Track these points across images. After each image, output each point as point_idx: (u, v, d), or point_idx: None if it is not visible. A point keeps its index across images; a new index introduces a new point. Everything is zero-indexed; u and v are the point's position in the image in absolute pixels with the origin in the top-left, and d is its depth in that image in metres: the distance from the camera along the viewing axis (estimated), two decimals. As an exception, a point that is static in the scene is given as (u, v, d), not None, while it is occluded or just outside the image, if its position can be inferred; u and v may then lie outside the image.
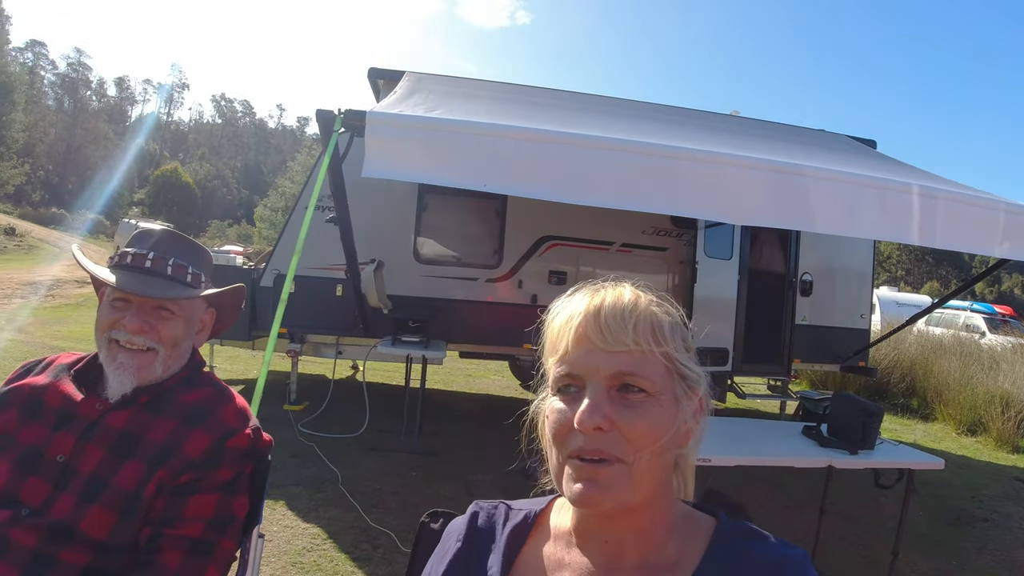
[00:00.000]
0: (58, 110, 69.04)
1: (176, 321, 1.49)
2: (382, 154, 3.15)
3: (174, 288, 1.49)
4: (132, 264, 1.49)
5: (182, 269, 1.52)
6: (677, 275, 7.02)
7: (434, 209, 6.64)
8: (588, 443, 0.76)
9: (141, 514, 1.33)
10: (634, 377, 0.77)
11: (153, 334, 1.45)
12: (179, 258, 1.53)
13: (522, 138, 3.35)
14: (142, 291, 1.44)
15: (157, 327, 1.45)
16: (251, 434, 1.46)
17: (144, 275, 1.48)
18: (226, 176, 77.26)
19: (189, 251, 1.57)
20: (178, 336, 1.50)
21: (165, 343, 1.47)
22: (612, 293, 0.83)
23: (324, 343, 6.67)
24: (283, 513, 3.95)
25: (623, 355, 0.78)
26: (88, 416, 1.40)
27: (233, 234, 50.24)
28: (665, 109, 6.43)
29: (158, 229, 1.61)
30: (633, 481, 0.76)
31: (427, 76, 5.78)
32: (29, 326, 9.85)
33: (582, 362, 0.79)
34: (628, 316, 0.79)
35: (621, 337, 0.78)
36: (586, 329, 0.80)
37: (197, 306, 1.56)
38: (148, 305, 1.46)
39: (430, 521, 1.13)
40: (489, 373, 9.73)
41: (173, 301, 1.48)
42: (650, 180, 3.38)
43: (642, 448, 0.76)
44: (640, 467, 0.76)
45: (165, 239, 1.56)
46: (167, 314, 1.48)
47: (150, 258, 1.49)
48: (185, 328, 1.52)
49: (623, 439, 0.76)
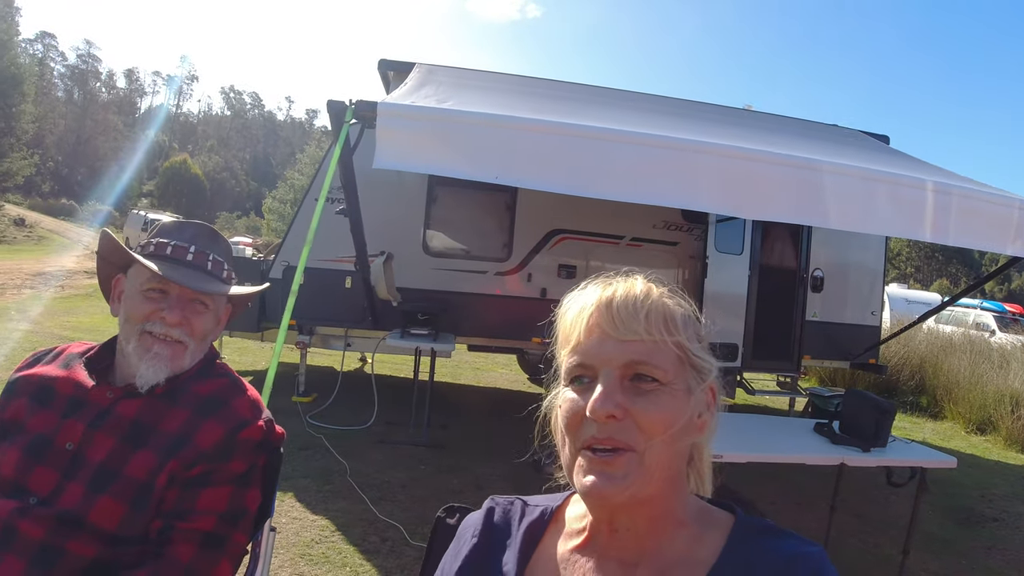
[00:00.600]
0: (68, 102, 69.30)
1: (208, 315, 1.50)
2: (393, 145, 3.14)
3: (213, 283, 1.50)
4: (172, 255, 1.47)
5: (219, 265, 1.54)
6: (688, 270, 6.99)
7: (444, 202, 6.63)
8: (600, 431, 0.76)
9: (152, 505, 1.31)
10: (646, 366, 0.77)
11: (187, 327, 1.45)
12: (216, 253, 1.54)
13: (534, 130, 3.33)
14: (191, 283, 1.44)
15: (191, 320, 1.45)
16: (264, 426, 1.45)
17: (186, 267, 1.47)
18: (235, 168, 77.44)
19: (222, 247, 1.58)
20: (208, 330, 1.51)
21: (196, 337, 1.47)
22: (624, 284, 0.82)
23: (333, 335, 6.67)
24: (291, 505, 3.96)
25: (635, 344, 0.77)
26: (99, 404, 1.39)
27: (242, 226, 50.40)
28: (677, 103, 6.40)
29: (193, 222, 1.60)
30: (645, 470, 0.75)
31: (438, 68, 5.76)
32: (39, 316, 9.90)
33: (595, 351, 0.78)
34: (640, 306, 0.79)
35: (633, 326, 0.78)
36: (599, 319, 0.79)
37: (223, 302, 1.56)
38: (185, 298, 1.45)
39: (446, 516, 1.12)
40: (497, 367, 9.73)
41: (208, 296, 1.48)
42: (662, 173, 3.36)
43: (654, 436, 0.75)
44: (652, 456, 0.76)
45: (203, 233, 1.56)
46: (201, 308, 1.48)
47: (191, 251, 1.49)
48: (214, 322, 1.53)
49: (635, 428, 0.75)
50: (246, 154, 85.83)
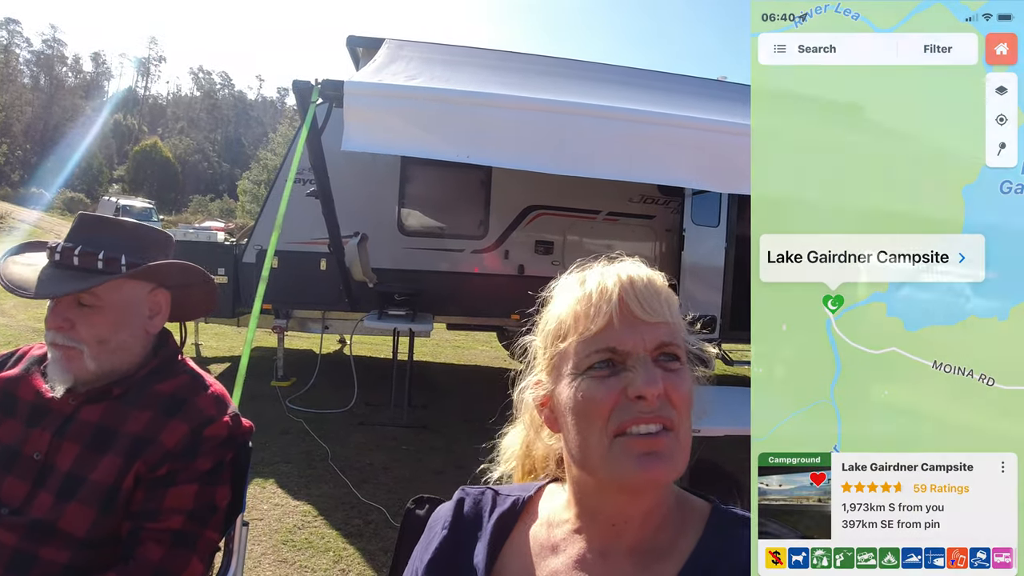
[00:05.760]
0: (34, 88, 67.71)
1: (98, 314, 1.37)
2: (362, 126, 3.08)
3: (81, 279, 1.35)
4: (48, 259, 1.39)
5: (91, 257, 1.36)
6: (664, 243, 7.00)
7: (417, 180, 6.57)
8: (646, 411, 0.75)
9: (120, 508, 1.30)
10: (673, 347, 0.79)
11: (71, 332, 1.34)
12: (89, 245, 1.38)
13: (505, 106, 3.29)
14: (36, 292, 1.35)
15: (77, 324, 1.35)
16: (230, 421, 1.42)
17: (52, 269, 1.38)
18: (207, 150, 76.26)
19: (109, 233, 1.43)
20: (103, 331, 1.37)
21: (86, 341, 1.35)
22: (631, 268, 0.82)
23: (310, 318, 6.64)
24: (273, 491, 3.94)
25: (663, 326, 0.79)
26: (62, 411, 1.36)
27: (216, 208, 49.64)
28: (651, 75, 6.34)
29: (81, 214, 1.50)
30: (682, 448, 0.77)
31: (408, 43, 5.64)
32: (11, 309, 9.71)
33: (627, 336, 0.77)
34: (657, 289, 0.81)
35: (657, 308, 0.79)
36: (626, 302, 0.78)
37: (130, 292, 1.42)
38: (65, 301, 1.35)
39: (415, 507, 1.10)
40: (477, 344, 9.73)
41: (89, 293, 1.35)
42: (635, 149, 3.34)
43: (684, 415, 0.77)
44: (684, 432, 0.78)
45: (82, 225, 1.44)
46: (87, 309, 1.36)
47: (58, 251, 1.38)
48: (115, 319, 1.39)
49: (671, 407, 0.76)
50: (217, 135, 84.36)
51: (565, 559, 0.82)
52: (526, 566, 0.84)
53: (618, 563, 0.80)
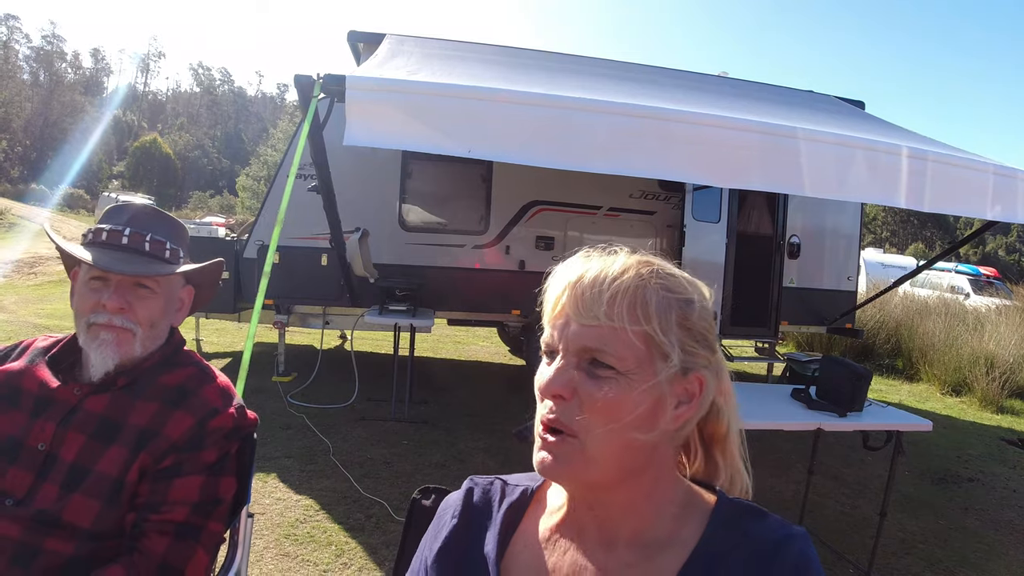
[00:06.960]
0: (34, 84, 67.44)
1: (154, 300, 1.43)
2: (364, 120, 3.07)
3: (153, 265, 1.43)
4: (108, 241, 1.42)
5: (160, 245, 1.45)
6: (665, 239, 6.99)
7: (419, 175, 6.56)
8: (549, 411, 0.76)
9: (125, 500, 1.30)
10: (601, 353, 0.75)
11: (131, 314, 1.39)
12: (156, 233, 1.46)
13: (507, 101, 3.27)
14: (120, 268, 1.38)
15: (135, 306, 1.40)
16: (235, 413, 1.42)
17: (121, 252, 1.41)
18: (206, 146, 75.96)
19: (166, 226, 1.50)
20: (155, 316, 1.44)
21: (142, 323, 1.41)
22: (599, 263, 0.79)
23: (311, 314, 6.62)
24: (275, 486, 3.94)
25: (593, 329, 0.75)
26: (67, 402, 1.36)
27: (215, 204, 49.51)
28: (652, 70, 6.34)
29: (134, 204, 1.54)
30: (587, 458, 0.75)
31: (409, 38, 5.65)
32: (12, 304, 9.73)
33: (558, 332, 0.78)
34: (606, 288, 0.76)
35: (594, 310, 0.75)
36: (563, 300, 0.78)
37: (175, 283, 1.50)
38: (127, 283, 1.40)
39: (421, 497, 1.11)
40: (478, 340, 9.74)
41: (152, 279, 1.42)
42: (636, 144, 3.32)
43: (596, 425, 0.74)
44: (594, 444, 0.74)
45: (141, 214, 1.49)
46: (145, 292, 1.42)
47: (126, 234, 1.42)
48: (163, 307, 1.46)
49: (582, 412, 0.74)
50: (217, 131, 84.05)
51: (571, 549, 0.82)
52: (535, 556, 0.84)
53: (621, 553, 0.80)
